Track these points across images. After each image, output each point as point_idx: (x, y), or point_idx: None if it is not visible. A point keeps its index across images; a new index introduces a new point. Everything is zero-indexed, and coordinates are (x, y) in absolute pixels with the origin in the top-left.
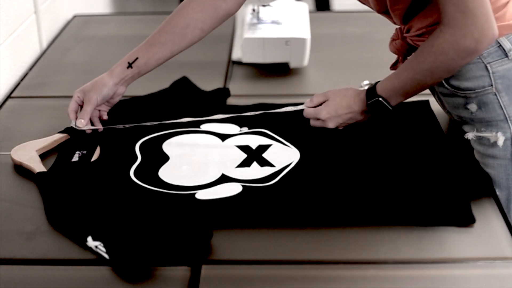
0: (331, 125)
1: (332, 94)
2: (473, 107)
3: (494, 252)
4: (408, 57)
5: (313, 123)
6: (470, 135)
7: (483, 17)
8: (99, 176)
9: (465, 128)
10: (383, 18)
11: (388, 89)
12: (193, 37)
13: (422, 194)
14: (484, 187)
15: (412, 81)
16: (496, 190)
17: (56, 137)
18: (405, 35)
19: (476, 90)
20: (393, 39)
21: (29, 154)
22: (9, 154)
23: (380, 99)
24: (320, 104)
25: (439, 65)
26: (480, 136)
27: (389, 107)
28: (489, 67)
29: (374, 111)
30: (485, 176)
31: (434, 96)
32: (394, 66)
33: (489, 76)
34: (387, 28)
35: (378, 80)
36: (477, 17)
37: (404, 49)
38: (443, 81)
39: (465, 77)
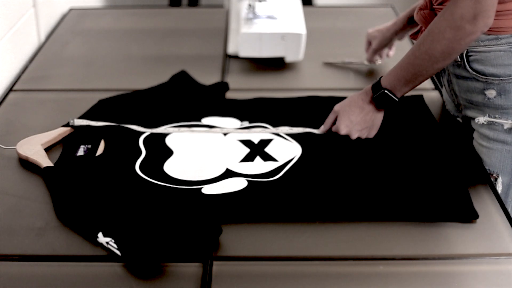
0: (356, 135)
1: (339, 108)
2: (491, 93)
3: (498, 248)
4: None
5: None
6: (482, 120)
7: (486, 5)
8: (106, 171)
9: (468, 113)
10: (371, 12)
11: (392, 80)
12: None
13: (425, 189)
14: (481, 179)
15: (413, 67)
16: (499, 176)
17: (61, 131)
18: (435, 6)
19: (501, 78)
20: (420, 9)
21: (34, 149)
22: (15, 148)
23: (385, 91)
24: (334, 122)
25: (436, 46)
26: (492, 121)
27: (395, 99)
28: None
29: (381, 104)
30: (482, 169)
31: (442, 79)
32: (415, 35)
33: None
34: (376, 22)
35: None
36: (479, 2)
37: (431, 19)
38: (465, 63)
39: (491, 63)
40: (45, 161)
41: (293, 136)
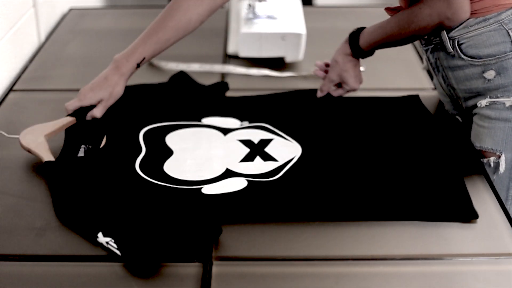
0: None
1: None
2: (491, 74)
3: (498, 248)
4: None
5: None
6: (484, 102)
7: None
8: (105, 170)
9: (470, 103)
10: (371, 12)
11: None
12: (193, 29)
13: (425, 189)
14: (481, 179)
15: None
16: (503, 153)
17: (65, 121)
18: None
19: (497, 56)
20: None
21: (37, 140)
22: (18, 137)
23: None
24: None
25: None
26: (493, 102)
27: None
28: (510, 33)
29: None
30: (482, 168)
31: (436, 76)
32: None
33: (511, 41)
34: (376, 22)
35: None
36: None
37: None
38: (458, 52)
39: (485, 44)
40: (46, 155)
41: (293, 136)
